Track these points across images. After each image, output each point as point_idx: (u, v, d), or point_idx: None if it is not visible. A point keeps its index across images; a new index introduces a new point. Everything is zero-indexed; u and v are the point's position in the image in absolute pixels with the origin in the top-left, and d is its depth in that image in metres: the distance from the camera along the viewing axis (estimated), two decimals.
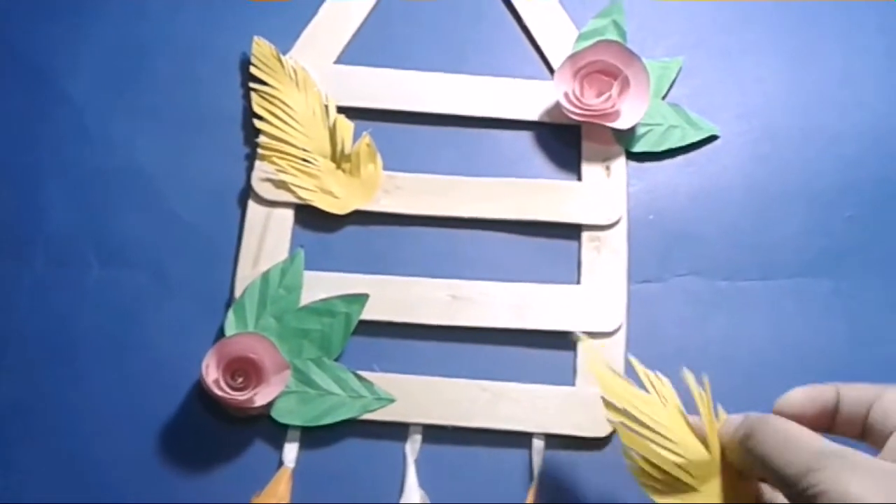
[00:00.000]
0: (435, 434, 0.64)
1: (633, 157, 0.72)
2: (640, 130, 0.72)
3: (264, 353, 0.62)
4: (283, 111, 0.71)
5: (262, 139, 0.71)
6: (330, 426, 0.63)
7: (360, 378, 0.64)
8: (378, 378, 0.65)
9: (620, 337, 0.67)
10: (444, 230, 0.69)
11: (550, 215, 0.70)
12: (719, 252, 0.70)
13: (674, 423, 0.57)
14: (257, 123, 0.71)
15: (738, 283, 0.69)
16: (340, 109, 0.72)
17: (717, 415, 0.57)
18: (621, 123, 0.71)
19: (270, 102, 0.72)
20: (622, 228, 0.70)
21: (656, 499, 0.55)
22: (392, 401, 0.64)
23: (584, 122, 0.71)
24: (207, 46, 0.74)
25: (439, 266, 0.68)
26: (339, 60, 0.74)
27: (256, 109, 0.71)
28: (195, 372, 0.63)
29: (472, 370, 0.66)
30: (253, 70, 0.72)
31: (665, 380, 0.59)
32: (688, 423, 0.57)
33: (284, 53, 0.73)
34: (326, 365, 0.64)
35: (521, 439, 0.64)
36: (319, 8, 0.75)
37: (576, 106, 0.71)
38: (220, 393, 0.61)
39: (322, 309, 0.65)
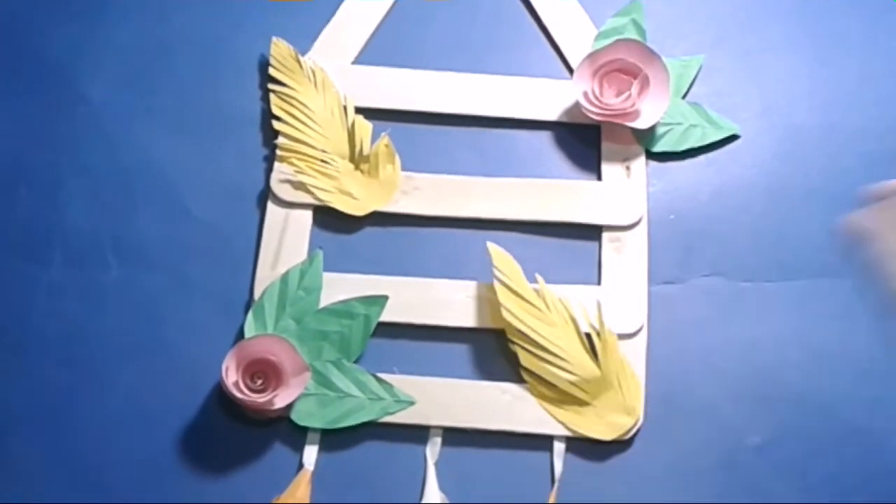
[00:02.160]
0: (455, 436, 0.64)
1: (653, 156, 0.72)
2: (660, 130, 0.72)
3: (284, 355, 0.62)
4: (302, 112, 0.71)
5: (280, 140, 0.70)
6: (350, 428, 0.63)
7: (379, 380, 0.64)
8: (398, 380, 0.64)
9: (642, 338, 0.66)
10: (464, 231, 0.69)
11: (570, 216, 0.69)
12: (741, 252, 0.69)
13: (569, 343, 0.64)
14: (276, 125, 0.71)
15: (761, 283, 0.68)
16: (359, 110, 0.72)
17: None
18: (641, 123, 0.70)
19: (289, 103, 0.71)
20: (643, 229, 0.69)
21: (554, 413, 0.63)
22: (412, 403, 0.64)
23: (603, 121, 0.71)
24: (226, 48, 0.74)
25: (459, 267, 0.68)
26: (357, 61, 0.74)
27: (275, 111, 0.71)
28: (215, 374, 0.63)
29: (493, 372, 0.65)
30: (272, 71, 0.72)
31: (566, 301, 0.64)
32: (582, 342, 0.64)
33: (303, 54, 0.73)
34: (346, 367, 0.64)
35: (541, 442, 0.64)
36: (338, 8, 0.75)
37: (595, 105, 0.70)
38: (239, 395, 0.61)
39: (342, 311, 0.65)
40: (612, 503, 0.62)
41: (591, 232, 0.69)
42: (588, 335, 0.65)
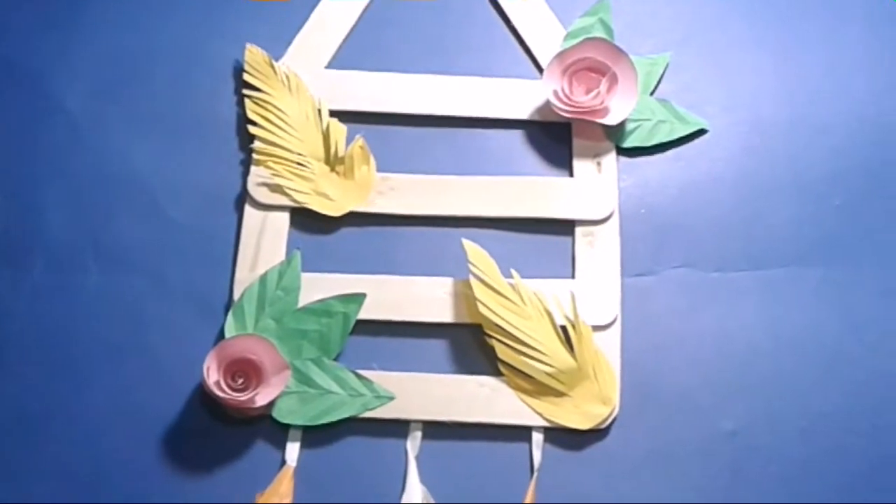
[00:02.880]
0: (435, 430, 0.65)
1: (623, 152, 0.73)
2: (630, 126, 0.73)
3: (264, 354, 0.63)
4: (277, 116, 0.72)
5: (256, 144, 0.71)
6: (331, 425, 0.64)
7: (359, 377, 0.65)
8: (377, 376, 0.65)
9: (616, 329, 0.67)
10: (439, 229, 0.70)
11: (544, 212, 0.71)
12: (711, 244, 0.70)
13: (545, 336, 0.65)
14: (251, 129, 0.72)
15: (731, 273, 0.69)
16: (333, 113, 0.73)
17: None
18: (611, 119, 0.72)
19: (264, 108, 0.72)
20: (614, 223, 0.71)
21: (532, 405, 0.64)
22: (392, 398, 0.65)
23: (574, 118, 0.72)
24: (201, 54, 0.75)
25: (435, 265, 0.69)
26: (330, 65, 0.75)
27: (250, 115, 0.72)
28: (196, 375, 0.63)
29: (471, 367, 0.66)
30: (246, 77, 0.73)
31: (541, 294, 0.66)
32: (558, 334, 0.65)
33: (277, 59, 0.74)
34: (326, 364, 0.65)
35: (520, 433, 0.65)
36: (311, 14, 0.76)
37: (565, 104, 0.72)
38: (221, 394, 0.62)
39: (320, 309, 0.66)
40: (590, 490, 0.63)
41: (565, 227, 0.71)
42: (563, 327, 0.66)
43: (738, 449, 0.64)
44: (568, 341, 0.66)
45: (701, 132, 0.74)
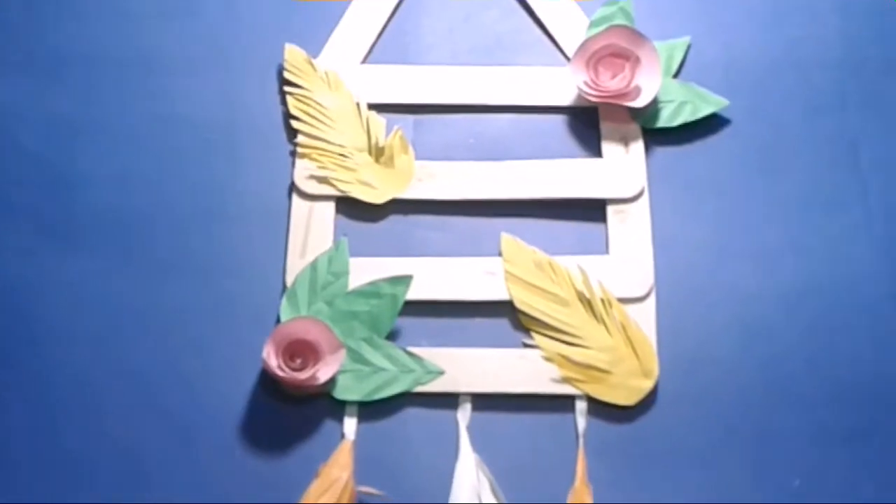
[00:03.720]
0: (484, 402, 0.68)
1: (649, 133, 0.76)
2: (654, 108, 0.76)
3: (319, 335, 0.66)
4: (318, 111, 0.76)
5: (300, 139, 0.75)
6: (385, 400, 0.67)
7: (409, 354, 0.68)
8: (427, 353, 0.69)
9: (650, 302, 0.71)
10: (477, 212, 0.74)
11: (576, 192, 0.74)
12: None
13: (581, 319, 0.69)
14: (294, 124, 0.76)
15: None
16: (371, 106, 0.77)
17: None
18: (637, 102, 0.75)
19: (305, 104, 0.76)
20: (644, 200, 0.74)
21: (578, 386, 0.67)
22: (441, 373, 0.68)
23: (601, 103, 0.76)
24: (242, 55, 0.79)
25: (474, 246, 0.73)
26: (365, 60, 0.79)
27: (293, 111, 0.76)
28: (257, 359, 0.67)
29: (514, 340, 0.70)
30: (286, 75, 0.77)
31: (573, 277, 0.70)
32: (595, 314, 0.69)
33: (315, 57, 0.78)
34: (378, 343, 0.69)
35: (564, 402, 0.68)
36: (345, 12, 0.80)
37: (593, 89, 0.75)
38: (282, 374, 0.65)
39: (370, 291, 0.70)
40: (636, 460, 0.67)
41: (597, 205, 0.74)
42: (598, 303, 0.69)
43: (783, 405, 0.68)
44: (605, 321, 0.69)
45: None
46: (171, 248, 0.72)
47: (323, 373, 0.66)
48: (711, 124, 0.77)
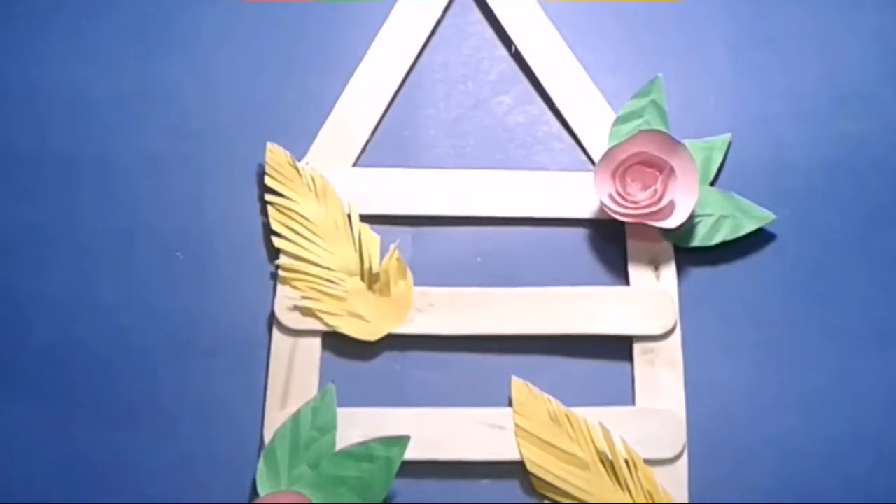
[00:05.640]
0: None
1: (682, 251, 0.67)
2: (689, 223, 0.67)
3: None
4: (304, 226, 0.66)
5: (282, 260, 0.65)
6: None
7: None
8: None
9: (682, 462, 0.62)
10: (486, 348, 0.65)
11: (598, 327, 0.65)
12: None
13: (599, 485, 0.60)
14: (276, 241, 0.66)
15: None
16: (364, 217, 0.67)
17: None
18: (670, 222, 0.65)
19: (288, 216, 0.66)
20: (676, 338, 0.65)
21: None
22: None
23: (630, 222, 0.66)
24: (218, 154, 0.68)
25: (481, 391, 0.64)
26: (358, 163, 0.69)
27: (275, 226, 0.66)
28: None
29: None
30: (268, 180, 0.67)
31: (596, 435, 0.61)
32: (619, 482, 0.60)
33: (300, 158, 0.68)
34: None
35: None
36: (333, 106, 0.69)
37: (620, 205, 0.65)
38: None
39: (360, 454, 0.61)
40: None
41: (622, 344, 0.65)
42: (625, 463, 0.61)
43: None
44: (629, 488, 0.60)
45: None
46: (130, 392, 0.63)
47: None
48: (755, 240, 0.67)
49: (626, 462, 0.61)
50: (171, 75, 0.70)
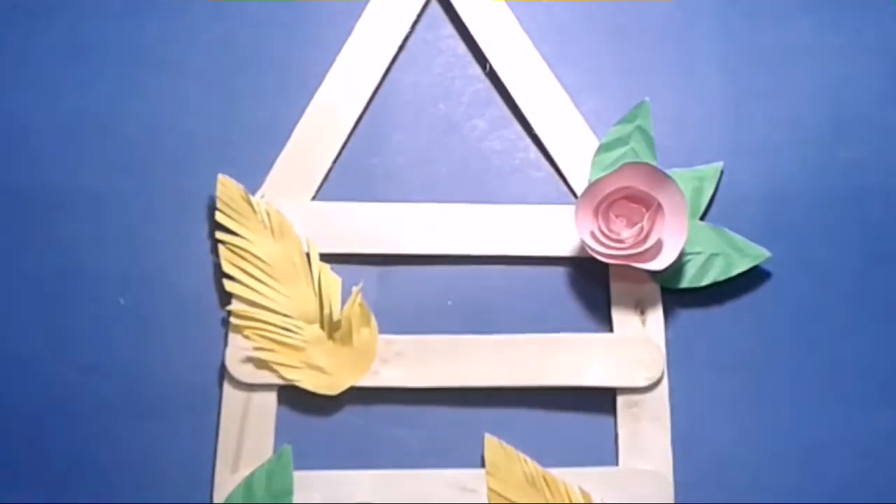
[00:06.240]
0: None
1: (670, 293, 0.62)
2: (678, 263, 0.61)
3: None
4: (258, 267, 0.60)
5: (234, 306, 0.60)
6: None
7: None
8: None
9: None
10: (455, 403, 0.59)
11: (579, 379, 0.59)
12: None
13: None
14: (228, 285, 0.60)
15: None
16: (324, 257, 0.61)
17: None
18: (657, 264, 0.60)
19: (242, 257, 0.61)
20: (663, 387, 0.60)
21: None
22: None
23: (614, 263, 0.60)
24: (164, 188, 0.63)
25: (451, 448, 0.59)
26: (317, 196, 0.63)
27: (226, 268, 0.60)
28: None
29: None
30: (219, 216, 0.61)
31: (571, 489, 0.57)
32: None
33: (254, 192, 0.62)
34: None
35: None
36: (290, 136, 0.63)
37: (603, 245, 0.60)
38: None
39: None
40: None
41: (605, 396, 0.60)
42: None
43: None
44: None
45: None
46: (64, 457, 0.58)
47: None
48: (748, 280, 0.62)
49: None
50: (111, 100, 0.64)
